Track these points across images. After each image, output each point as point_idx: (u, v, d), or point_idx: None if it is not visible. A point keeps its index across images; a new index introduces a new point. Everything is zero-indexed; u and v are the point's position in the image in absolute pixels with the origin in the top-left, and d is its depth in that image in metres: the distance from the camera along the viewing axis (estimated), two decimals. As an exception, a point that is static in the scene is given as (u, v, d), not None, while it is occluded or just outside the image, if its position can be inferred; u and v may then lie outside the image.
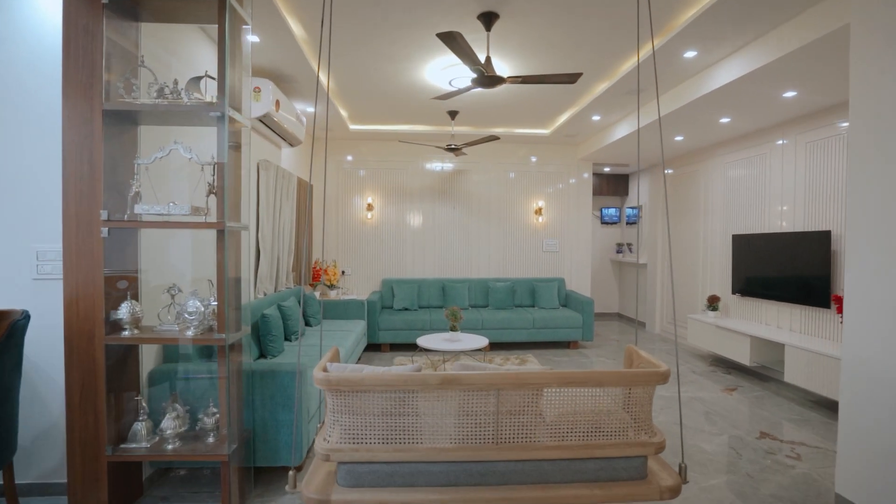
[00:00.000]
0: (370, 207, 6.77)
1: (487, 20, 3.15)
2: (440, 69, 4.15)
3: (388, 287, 6.40)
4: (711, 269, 5.88)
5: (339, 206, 6.79)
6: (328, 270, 6.20)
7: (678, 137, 5.46)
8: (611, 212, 8.66)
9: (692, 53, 3.50)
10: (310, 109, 5.11)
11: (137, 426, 2.33)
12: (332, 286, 6.19)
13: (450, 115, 5.57)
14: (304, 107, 5.05)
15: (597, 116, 5.41)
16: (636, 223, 8.11)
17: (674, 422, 3.56)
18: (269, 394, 2.61)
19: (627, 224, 8.42)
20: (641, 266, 7.57)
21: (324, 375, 1.65)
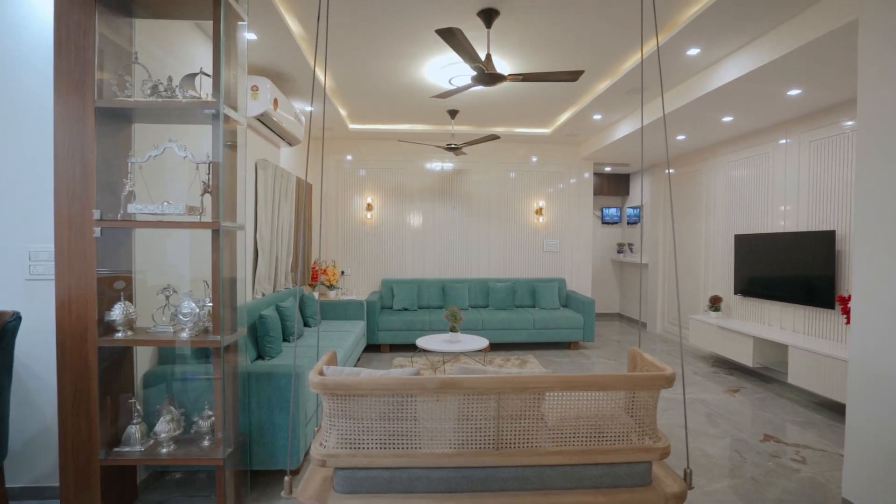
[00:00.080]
0: (370, 207, 6.72)
1: (488, 17, 3.11)
2: (440, 67, 4.11)
3: (388, 287, 6.36)
4: (713, 270, 5.83)
5: (339, 206, 6.75)
6: (327, 270, 6.16)
7: (680, 137, 5.42)
8: (611, 212, 8.62)
9: (695, 51, 3.46)
10: (308, 108, 5.06)
11: (131, 429, 2.29)
12: (332, 286, 6.15)
13: (450, 115, 5.53)
14: (303, 106, 5.01)
15: (598, 115, 5.37)
16: (637, 223, 8.07)
17: (676, 424, 3.52)
18: (266, 396, 2.57)
19: (628, 224, 8.38)
20: (645, 266, 7.53)
21: (320, 379, 1.61)
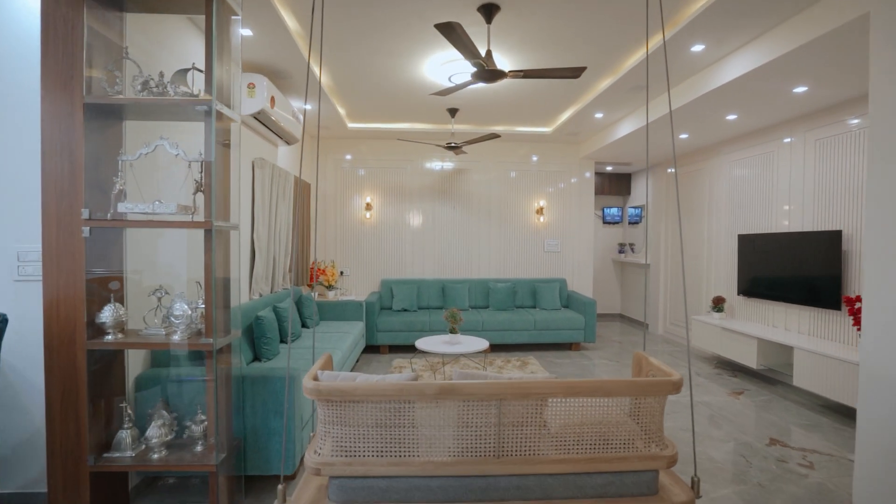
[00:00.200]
0: (369, 207, 6.66)
1: (488, 12, 3.04)
2: (440, 64, 4.04)
3: (387, 288, 6.30)
4: (716, 270, 5.77)
5: (338, 206, 6.68)
6: (326, 271, 6.10)
7: (683, 135, 5.35)
8: (613, 211, 8.55)
9: (700, 47, 3.39)
10: (306, 106, 5.00)
11: (122, 434, 2.23)
12: (331, 287, 6.09)
13: (450, 113, 5.46)
14: (301, 104, 4.94)
15: (599, 114, 5.31)
16: (638, 223, 8.01)
17: (680, 427, 3.46)
18: (261, 400, 2.51)
19: (629, 224, 8.31)
20: (646, 267, 7.47)
21: (314, 385, 1.55)
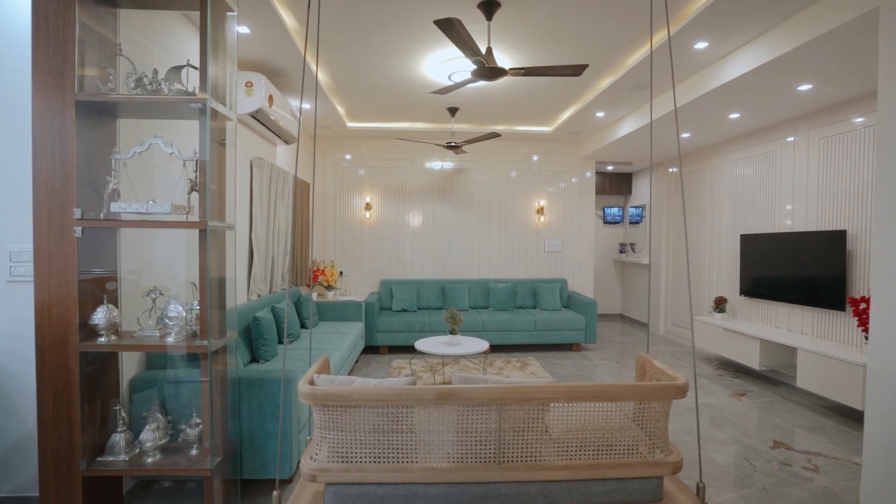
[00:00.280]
0: (369, 207, 6.62)
1: (488, 9, 3.00)
2: (439, 63, 4.00)
3: (387, 288, 6.26)
4: (718, 270, 5.72)
5: (338, 206, 6.64)
6: (325, 271, 6.05)
7: (685, 134, 5.31)
8: (613, 211, 8.51)
9: (703, 44, 3.35)
10: (304, 105, 4.96)
11: (115, 438, 2.19)
12: (330, 287, 6.05)
13: (449, 112, 5.42)
14: (300, 102, 4.90)
15: (601, 113, 5.26)
16: (639, 223, 7.96)
17: (682, 430, 3.41)
18: (258, 403, 2.47)
19: (630, 224, 8.26)
20: (647, 266, 7.42)
21: (310, 389, 1.51)
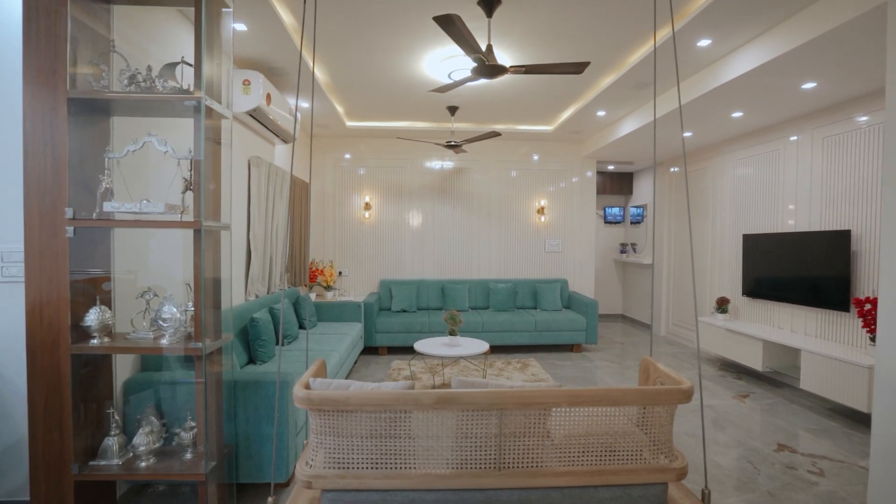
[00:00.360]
0: (368, 206, 6.58)
1: (488, 6, 2.96)
2: (439, 61, 3.96)
3: (387, 288, 6.22)
4: (720, 270, 5.68)
5: (337, 206, 6.60)
6: (324, 271, 6.01)
7: (687, 133, 5.27)
8: (614, 211, 8.47)
9: (706, 42, 3.31)
10: (303, 104, 4.92)
11: (108, 441, 2.14)
12: (329, 287, 6.01)
13: (449, 111, 5.38)
14: (299, 101, 4.86)
15: (602, 112, 5.22)
16: (640, 223, 7.92)
17: (685, 432, 3.37)
18: (253, 406, 2.43)
19: (631, 223, 8.22)
20: (648, 267, 7.38)
21: (305, 394, 1.47)
